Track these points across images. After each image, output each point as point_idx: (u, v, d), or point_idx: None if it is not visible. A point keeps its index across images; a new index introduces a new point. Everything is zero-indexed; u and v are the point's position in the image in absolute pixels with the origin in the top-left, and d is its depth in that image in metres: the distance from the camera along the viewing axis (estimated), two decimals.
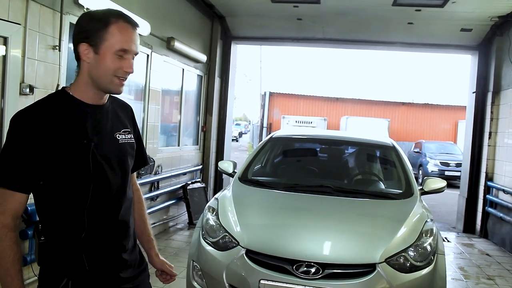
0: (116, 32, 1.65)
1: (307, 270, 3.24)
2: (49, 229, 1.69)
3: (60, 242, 1.69)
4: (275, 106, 26.58)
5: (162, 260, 2.11)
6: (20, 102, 3.76)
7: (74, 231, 1.67)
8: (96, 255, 1.72)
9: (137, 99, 6.34)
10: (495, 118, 8.11)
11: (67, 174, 1.65)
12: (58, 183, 1.65)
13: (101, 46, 1.65)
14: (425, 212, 4.05)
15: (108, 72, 1.67)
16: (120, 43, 1.66)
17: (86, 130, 1.70)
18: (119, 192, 1.79)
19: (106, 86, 1.70)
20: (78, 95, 1.71)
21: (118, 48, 1.66)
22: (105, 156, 1.73)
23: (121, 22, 1.67)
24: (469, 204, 8.73)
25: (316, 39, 9.60)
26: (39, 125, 1.61)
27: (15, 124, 1.63)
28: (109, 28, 1.65)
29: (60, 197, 1.66)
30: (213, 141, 9.28)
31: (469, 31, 8.31)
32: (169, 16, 7.00)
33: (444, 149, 19.46)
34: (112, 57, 1.66)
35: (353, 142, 5.64)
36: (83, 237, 1.68)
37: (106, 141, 1.76)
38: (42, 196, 1.68)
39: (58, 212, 1.68)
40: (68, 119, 1.67)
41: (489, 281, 5.72)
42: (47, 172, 1.63)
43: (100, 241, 1.73)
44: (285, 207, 4.22)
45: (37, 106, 1.68)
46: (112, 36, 1.65)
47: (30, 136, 1.60)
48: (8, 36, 3.67)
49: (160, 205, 6.94)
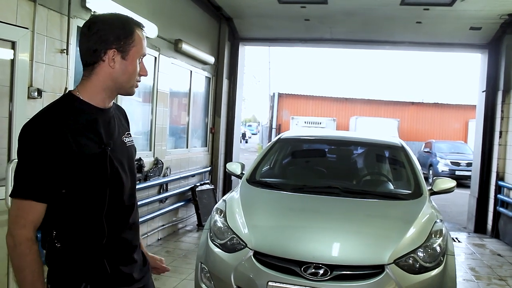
0: (139, 39, 1.73)
1: (316, 271, 3.23)
2: (66, 235, 1.66)
3: (80, 248, 1.67)
4: (284, 107, 26.57)
5: (152, 255, 2.12)
6: (29, 106, 3.79)
7: (95, 237, 1.67)
8: (115, 257, 1.73)
9: (145, 101, 6.36)
10: (506, 117, 8.03)
11: (86, 180, 1.64)
12: (77, 190, 1.64)
13: (129, 52, 1.70)
14: (435, 213, 4.01)
15: (133, 77, 1.75)
16: (143, 49, 1.75)
17: (101, 134, 1.69)
18: (130, 195, 1.81)
19: (128, 89, 1.77)
20: (89, 99, 1.70)
21: (142, 54, 1.75)
22: (119, 160, 1.74)
23: (140, 29, 1.75)
24: (480, 204, 8.64)
25: (324, 39, 9.59)
26: (56, 132, 1.57)
27: (30, 133, 1.59)
28: (134, 35, 1.71)
29: (79, 203, 1.65)
30: (222, 143, 9.29)
31: (479, 29, 8.23)
32: (177, 18, 7.02)
33: (454, 148, 19.31)
34: (136, 62, 1.74)
35: (362, 143, 5.62)
36: (105, 242, 1.68)
37: (117, 145, 1.76)
38: (59, 204, 1.64)
39: (77, 218, 1.66)
40: (83, 124, 1.66)
41: (501, 282, 5.66)
42: (68, 180, 1.61)
43: (117, 243, 1.74)
44: (293, 209, 4.21)
45: (50, 112, 1.64)
46: (138, 43, 1.72)
47: (48, 145, 1.56)
48: (16, 41, 3.69)
49: (169, 207, 6.95)
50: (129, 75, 1.72)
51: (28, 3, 3.83)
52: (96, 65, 1.69)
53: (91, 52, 1.67)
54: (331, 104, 26.87)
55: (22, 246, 1.57)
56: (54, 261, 1.69)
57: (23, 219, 1.58)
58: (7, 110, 3.70)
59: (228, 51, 9.26)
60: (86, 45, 1.68)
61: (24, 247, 1.57)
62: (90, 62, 1.69)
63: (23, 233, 1.57)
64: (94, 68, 1.69)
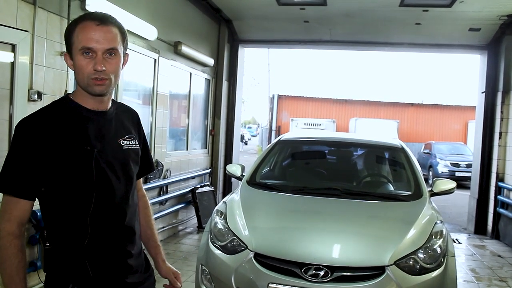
0: (79, 33, 1.63)
1: (316, 273, 3.23)
2: (54, 235, 1.70)
3: (64, 249, 1.69)
4: (284, 109, 26.54)
5: (168, 267, 2.10)
6: (29, 108, 3.79)
7: (77, 237, 1.67)
8: (100, 261, 1.72)
9: (145, 104, 6.36)
10: (505, 118, 8.03)
11: (69, 181, 1.65)
12: (60, 190, 1.65)
13: (72, 51, 1.66)
14: (435, 214, 4.02)
15: (82, 74, 1.65)
16: (81, 42, 1.63)
17: (89, 136, 1.69)
18: (123, 199, 1.78)
19: (86, 89, 1.68)
20: (81, 101, 1.72)
21: (79, 47, 1.63)
22: (108, 163, 1.72)
23: (85, 22, 1.64)
24: (480, 205, 8.64)
25: (323, 41, 9.59)
26: (41, 131, 1.62)
27: (18, 131, 1.64)
28: (75, 31, 1.64)
29: (63, 203, 1.66)
30: (222, 145, 9.29)
31: (478, 30, 8.24)
32: (176, 20, 7.03)
33: (454, 149, 19.30)
34: (81, 59, 1.63)
35: (362, 144, 5.63)
36: (86, 243, 1.67)
37: (109, 148, 1.75)
38: (46, 203, 1.68)
39: (62, 218, 1.68)
40: (71, 125, 1.68)
41: (501, 283, 5.66)
42: (49, 179, 1.64)
43: (104, 247, 1.73)
44: (293, 210, 4.21)
45: (41, 113, 1.68)
46: (77, 37, 1.64)
47: (33, 143, 1.61)
48: (16, 43, 3.70)
49: (169, 209, 6.95)
50: (78, 73, 1.66)
51: (28, 6, 3.84)
52: None
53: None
54: (331, 105, 26.85)
55: (4, 240, 1.61)
56: (46, 261, 1.73)
57: (8, 214, 1.62)
58: (7, 113, 3.71)
59: (227, 53, 9.26)
60: None
61: (6, 240, 1.60)
62: None
63: (7, 227, 1.61)
64: None
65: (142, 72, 6.20)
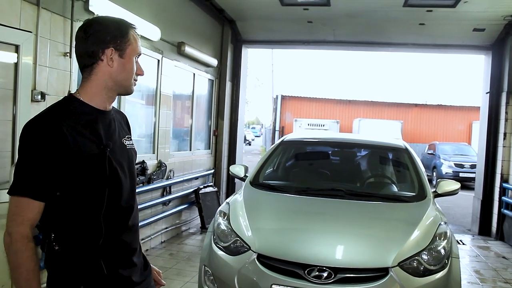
0: (134, 38, 1.77)
1: (319, 274, 3.22)
2: (64, 238, 1.67)
3: (77, 250, 1.67)
4: (287, 109, 26.51)
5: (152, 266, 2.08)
6: (32, 109, 3.79)
7: (92, 238, 1.67)
8: (113, 259, 1.73)
9: (148, 104, 6.37)
10: (510, 119, 8.00)
11: (85, 181, 1.65)
12: (76, 191, 1.64)
13: (126, 51, 1.74)
14: (439, 215, 4.00)
15: (131, 75, 1.78)
16: (138, 48, 1.80)
17: (101, 135, 1.71)
18: (129, 196, 1.81)
19: (128, 88, 1.80)
20: (89, 100, 1.72)
21: (138, 52, 1.79)
22: (118, 162, 1.75)
23: (133, 30, 1.79)
24: (484, 206, 8.61)
25: (327, 41, 9.58)
26: (55, 132, 1.59)
27: (30, 133, 1.61)
28: (129, 34, 1.75)
29: (77, 204, 1.65)
30: (225, 145, 9.29)
31: (482, 31, 8.22)
32: (180, 21, 7.03)
33: (458, 150, 19.23)
34: (133, 60, 1.78)
35: (365, 145, 5.62)
36: (101, 243, 1.67)
37: (117, 147, 1.78)
38: (58, 205, 1.65)
39: (75, 220, 1.66)
40: (83, 124, 1.67)
41: (506, 285, 5.63)
42: (65, 181, 1.62)
43: (115, 245, 1.74)
44: (296, 211, 4.20)
45: (51, 113, 1.66)
46: (133, 41, 1.76)
47: (47, 144, 1.58)
48: (20, 44, 3.71)
49: (172, 210, 6.95)
50: (127, 73, 1.76)
51: (32, 7, 3.85)
52: (94, 65, 1.71)
53: (89, 53, 1.70)
54: (334, 106, 26.80)
55: (18, 243, 1.58)
56: (53, 264, 1.70)
57: (20, 217, 1.59)
58: (11, 113, 3.71)
59: (231, 54, 9.26)
60: (84, 48, 1.71)
61: (20, 244, 1.58)
62: (89, 63, 1.72)
63: (20, 231, 1.58)
64: (93, 69, 1.72)
65: (146, 72, 6.19)
